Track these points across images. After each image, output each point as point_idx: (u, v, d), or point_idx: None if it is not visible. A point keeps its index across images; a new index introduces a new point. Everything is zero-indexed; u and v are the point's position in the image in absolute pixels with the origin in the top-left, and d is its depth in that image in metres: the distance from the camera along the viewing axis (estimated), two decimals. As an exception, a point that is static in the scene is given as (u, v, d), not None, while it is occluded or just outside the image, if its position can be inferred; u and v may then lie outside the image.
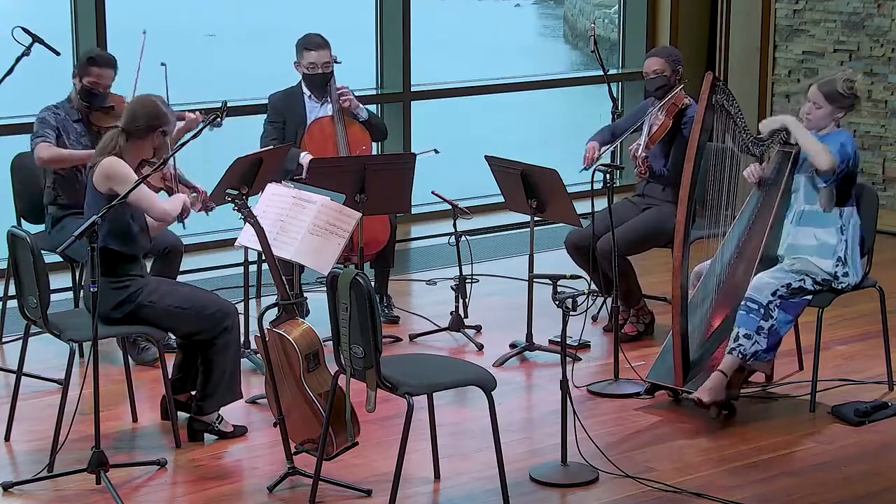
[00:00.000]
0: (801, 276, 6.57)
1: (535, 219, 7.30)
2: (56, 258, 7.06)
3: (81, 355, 6.97)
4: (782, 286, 6.52)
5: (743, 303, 6.52)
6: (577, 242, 7.62)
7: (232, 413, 6.43)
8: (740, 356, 6.50)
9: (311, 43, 8.01)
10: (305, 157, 7.73)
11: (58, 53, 7.64)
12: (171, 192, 6.78)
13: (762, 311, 6.48)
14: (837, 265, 6.58)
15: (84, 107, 7.27)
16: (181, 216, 6.36)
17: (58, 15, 9.55)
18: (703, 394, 6.48)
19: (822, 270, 6.57)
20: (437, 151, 7.02)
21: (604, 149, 7.66)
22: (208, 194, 6.79)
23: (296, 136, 7.97)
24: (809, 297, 6.60)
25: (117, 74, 7.31)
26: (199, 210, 6.72)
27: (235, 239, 6.40)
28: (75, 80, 7.29)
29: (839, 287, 6.62)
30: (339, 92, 8.01)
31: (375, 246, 7.84)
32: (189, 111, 7.44)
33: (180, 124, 7.21)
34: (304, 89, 8.08)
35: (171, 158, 6.78)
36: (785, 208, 6.74)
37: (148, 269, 6.60)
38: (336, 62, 8.06)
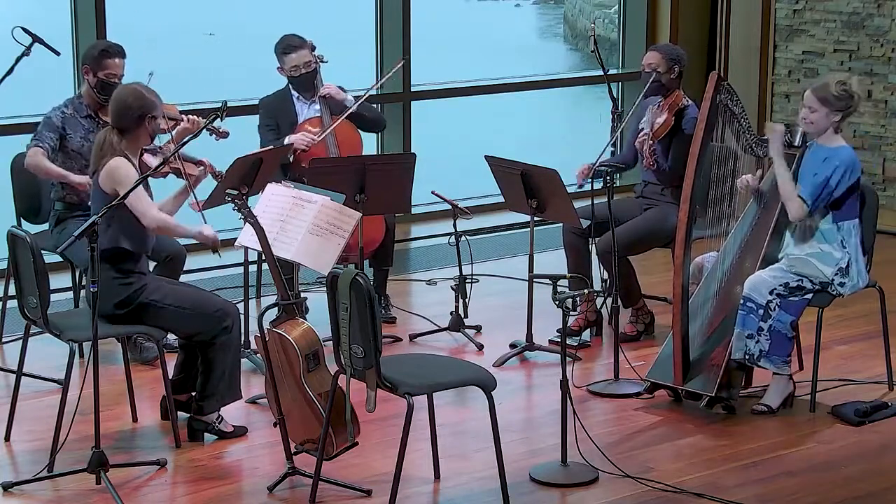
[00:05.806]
0: (799, 277, 6.56)
1: (535, 219, 7.30)
2: (56, 258, 7.07)
3: (81, 355, 6.98)
4: (780, 285, 6.52)
5: (742, 302, 6.52)
6: (574, 243, 7.64)
7: (232, 413, 6.43)
8: (747, 357, 6.50)
9: (289, 46, 7.95)
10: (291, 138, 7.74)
11: (58, 53, 7.63)
12: (179, 174, 6.70)
13: (762, 311, 6.48)
14: (837, 274, 6.57)
15: (103, 100, 7.18)
16: (214, 248, 6.28)
17: (58, 15, 9.55)
18: (769, 401, 6.63)
19: (822, 274, 6.56)
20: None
21: (596, 163, 7.59)
22: (215, 167, 6.71)
23: (288, 137, 7.97)
24: (809, 295, 6.60)
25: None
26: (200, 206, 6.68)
27: (235, 239, 6.40)
28: (88, 76, 7.21)
29: (834, 293, 6.62)
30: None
31: (370, 245, 7.82)
32: (190, 114, 7.42)
33: (183, 125, 7.21)
34: (292, 91, 8.06)
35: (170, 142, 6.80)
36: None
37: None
38: (322, 61, 8.02)
